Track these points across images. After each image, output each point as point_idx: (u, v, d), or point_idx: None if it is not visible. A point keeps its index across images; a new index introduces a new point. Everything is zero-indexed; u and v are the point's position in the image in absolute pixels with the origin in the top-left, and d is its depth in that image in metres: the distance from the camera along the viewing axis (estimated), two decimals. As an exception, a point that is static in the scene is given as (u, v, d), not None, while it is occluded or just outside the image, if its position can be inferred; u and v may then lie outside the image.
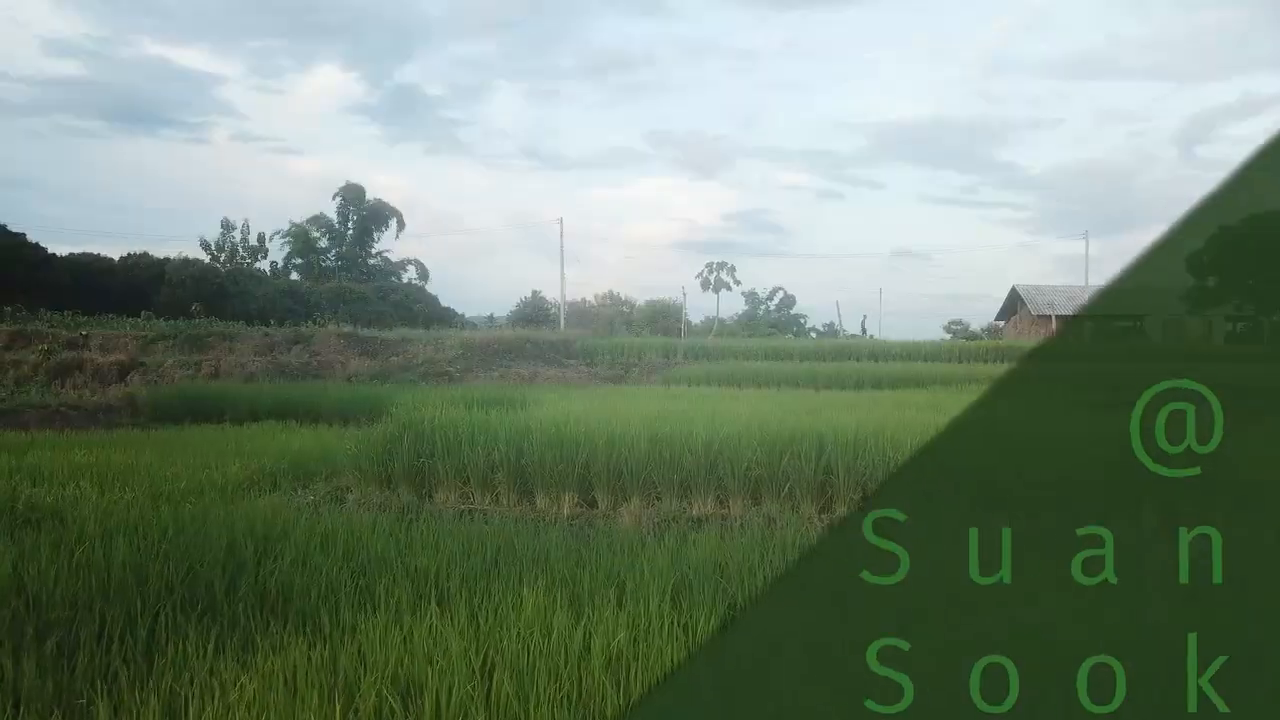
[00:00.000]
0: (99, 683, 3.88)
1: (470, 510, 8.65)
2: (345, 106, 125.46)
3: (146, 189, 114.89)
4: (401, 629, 4.56)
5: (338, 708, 3.44)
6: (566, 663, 4.09)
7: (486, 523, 7.75)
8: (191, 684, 3.85)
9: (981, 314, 77.78)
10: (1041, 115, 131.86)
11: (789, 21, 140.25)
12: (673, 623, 4.74)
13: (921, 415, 10.97)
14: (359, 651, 4.20)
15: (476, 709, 3.52)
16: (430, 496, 9.21)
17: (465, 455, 9.08)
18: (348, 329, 28.53)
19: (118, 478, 9.90)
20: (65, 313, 30.67)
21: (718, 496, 8.67)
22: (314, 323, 34.75)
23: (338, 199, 70.91)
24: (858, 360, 31.94)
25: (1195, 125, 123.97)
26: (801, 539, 7.05)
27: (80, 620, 4.73)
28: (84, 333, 26.94)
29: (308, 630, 4.66)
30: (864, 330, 63.81)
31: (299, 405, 18.86)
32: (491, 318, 67.06)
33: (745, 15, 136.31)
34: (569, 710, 3.57)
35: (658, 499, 8.72)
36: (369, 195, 71.06)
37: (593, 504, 8.87)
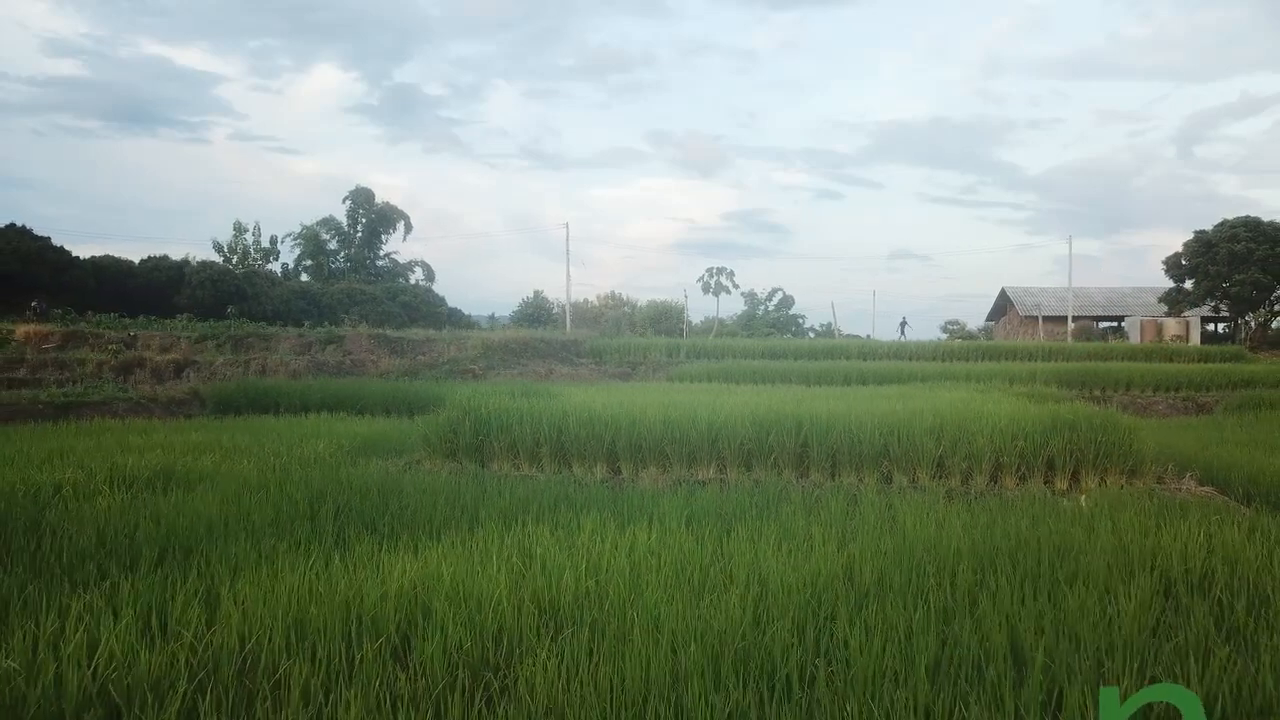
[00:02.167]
0: (330, 555, 6.16)
1: (524, 476, 10.91)
2: (345, 106, 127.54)
3: (146, 189, 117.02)
4: (506, 535, 6.85)
5: (493, 556, 5.73)
6: (620, 552, 6.37)
7: (538, 484, 10.02)
8: (384, 553, 6.15)
9: (980, 314, 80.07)
10: (1041, 115, 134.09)
11: (789, 21, 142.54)
12: (688, 535, 7.04)
13: (890, 405, 13.22)
14: (485, 540, 6.50)
15: (570, 564, 5.79)
16: (487, 466, 11.47)
17: (515, 433, 11.36)
18: (376, 330, 30.76)
19: (231, 453, 12.16)
20: (109, 315, 32.90)
21: (717, 465, 10.95)
22: (332, 324, 37.02)
23: (347, 202, 73.13)
24: (848, 359, 34.18)
25: (1195, 125, 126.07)
26: (781, 493, 9.37)
27: (292, 530, 7.03)
28: (131, 333, 29.19)
29: (442, 537, 6.94)
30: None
31: (344, 399, 21.00)
32: (493, 317, 69.05)
33: (745, 15, 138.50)
34: (628, 566, 5.85)
35: (670, 467, 10.98)
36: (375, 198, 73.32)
37: (618, 471, 11.14)
